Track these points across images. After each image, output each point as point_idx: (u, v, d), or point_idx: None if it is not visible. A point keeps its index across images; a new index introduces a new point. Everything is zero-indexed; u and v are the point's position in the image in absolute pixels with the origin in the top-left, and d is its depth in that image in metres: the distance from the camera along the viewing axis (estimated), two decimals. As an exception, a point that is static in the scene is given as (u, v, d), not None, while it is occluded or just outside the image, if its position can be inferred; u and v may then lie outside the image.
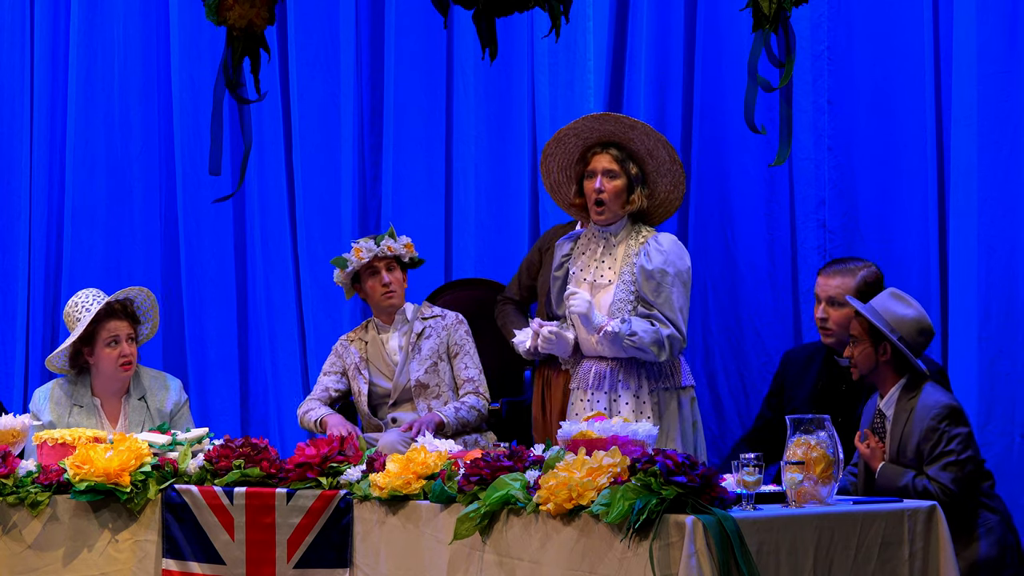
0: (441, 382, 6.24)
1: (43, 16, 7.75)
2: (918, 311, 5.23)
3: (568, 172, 5.63)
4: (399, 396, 6.26)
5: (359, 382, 6.27)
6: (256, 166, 7.53)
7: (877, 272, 5.76)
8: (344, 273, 6.29)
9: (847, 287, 5.70)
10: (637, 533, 4.23)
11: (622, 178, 5.51)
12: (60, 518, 5.18)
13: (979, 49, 6.20)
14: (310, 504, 4.95)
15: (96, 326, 5.93)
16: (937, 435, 5.07)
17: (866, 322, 5.21)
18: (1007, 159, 6.19)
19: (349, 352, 6.32)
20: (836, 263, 5.84)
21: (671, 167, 5.53)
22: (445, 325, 6.29)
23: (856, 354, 5.25)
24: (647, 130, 5.51)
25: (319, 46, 7.53)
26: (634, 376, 5.51)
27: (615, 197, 5.51)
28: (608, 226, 5.55)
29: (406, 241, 6.33)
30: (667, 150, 5.52)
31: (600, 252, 5.55)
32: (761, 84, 4.72)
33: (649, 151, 5.51)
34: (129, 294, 6.06)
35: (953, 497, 5.00)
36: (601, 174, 5.50)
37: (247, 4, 5.18)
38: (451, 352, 6.28)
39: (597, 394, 5.53)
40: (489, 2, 4.97)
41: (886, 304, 5.24)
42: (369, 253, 6.23)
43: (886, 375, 5.23)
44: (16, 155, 7.74)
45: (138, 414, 6.02)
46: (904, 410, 5.15)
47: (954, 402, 5.16)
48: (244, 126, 5.40)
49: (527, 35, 7.19)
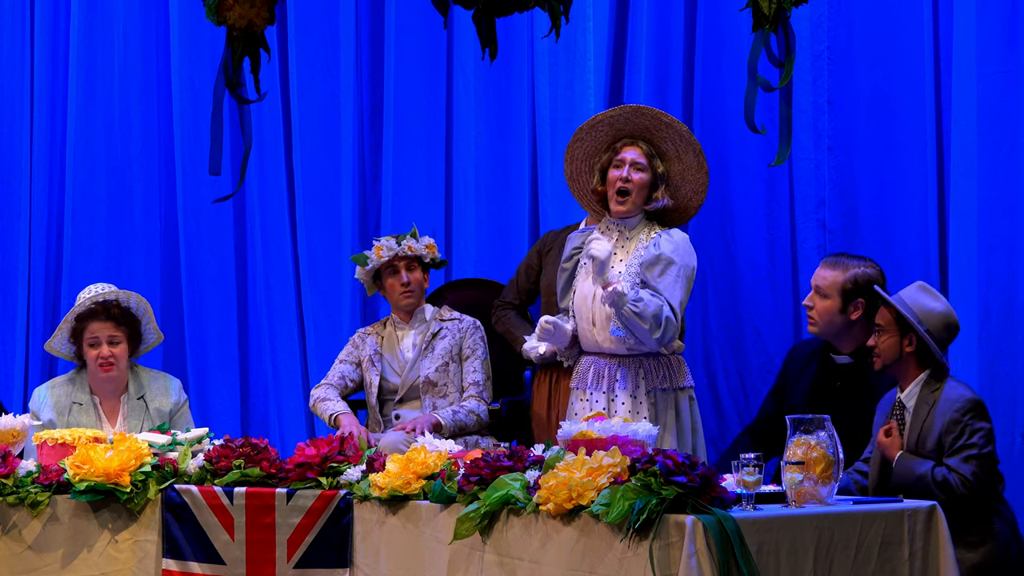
0: (450, 382, 6.26)
1: (43, 16, 7.75)
2: (946, 306, 5.26)
3: (591, 161, 5.65)
4: (407, 393, 6.29)
5: (371, 374, 6.31)
6: (256, 166, 7.53)
7: (873, 275, 5.76)
8: (365, 270, 6.34)
9: (835, 282, 5.73)
10: (637, 533, 4.23)
11: (648, 173, 5.54)
12: (60, 518, 5.18)
13: (979, 49, 6.20)
14: (310, 504, 4.95)
15: (82, 325, 6.00)
16: (960, 427, 5.09)
17: (894, 311, 5.23)
18: (1007, 159, 6.19)
19: (366, 343, 6.36)
20: (837, 256, 5.86)
21: (696, 174, 5.56)
22: (461, 328, 6.34)
23: (881, 343, 5.27)
24: (681, 130, 5.54)
25: (319, 46, 7.53)
26: (632, 376, 5.51)
27: (639, 190, 5.53)
28: (625, 219, 5.56)
29: (428, 242, 6.38)
30: (697, 157, 5.55)
31: (613, 244, 5.55)
32: (761, 84, 4.72)
33: (678, 154, 5.54)
34: (119, 297, 6.07)
35: (972, 490, 5.01)
36: (629, 165, 5.52)
37: (247, 4, 5.18)
38: (463, 355, 6.31)
39: (596, 394, 5.54)
40: (489, 2, 4.98)
41: (915, 296, 5.27)
42: (389, 252, 6.30)
43: (909, 367, 5.25)
44: (16, 155, 7.74)
45: (137, 414, 6.03)
46: (926, 402, 5.17)
47: (978, 397, 5.18)
48: (244, 126, 5.40)
49: (527, 35, 7.19)
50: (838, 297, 5.74)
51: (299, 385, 7.48)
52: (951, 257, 6.30)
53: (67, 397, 6.03)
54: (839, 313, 5.75)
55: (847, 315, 5.75)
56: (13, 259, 7.74)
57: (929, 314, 5.23)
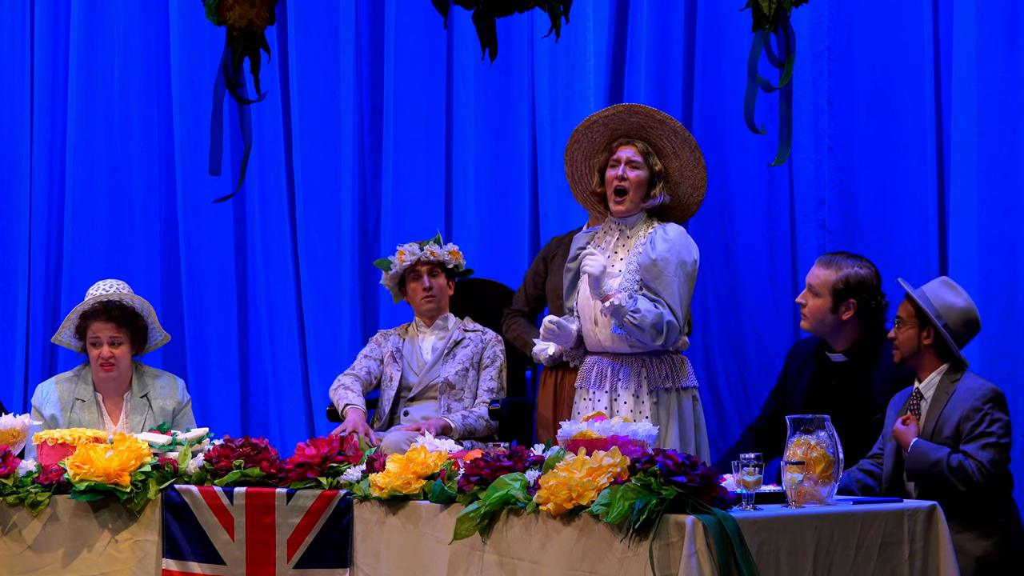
0: (467, 387, 6.30)
1: (43, 16, 7.75)
2: (967, 302, 5.27)
3: (591, 162, 5.65)
4: (421, 392, 6.31)
5: (392, 368, 6.33)
6: (256, 166, 7.53)
7: (866, 275, 5.74)
8: (389, 276, 6.37)
9: (827, 281, 5.73)
10: (637, 533, 4.23)
11: (645, 170, 5.55)
12: (60, 518, 5.18)
13: (979, 49, 6.20)
14: (310, 504, 4.95)
15: (85, 323, 6.02)
16: (980, 415, 5.11)
17: (914, 304, 5.24)
18: (1007, 159, 6.19)
19: (388, 341, 6.41)
20: (833, 255, 5.85)
21: (694, 170, 5.56)
22: (484, 340, 6.38)
23: (900, 335, 5.29)
24: (675, 127, 5.54)
25: (319, 46, 7.53)
26: (635, 376, 5.51)
27: (636, 188, 5.54)
28: (625, 218, 5.57)
29: (452, 248, 6.41)
30: (693, 152, 5.55)
31: (615, 243, 5.56)
32: (761, 84, 4.72)
33: (675, 150, 5.54)
34: (123, 298, 6.08)
35: (988, 477, 5.03)
36: (625, 163, 5.53)
37: (247, 4, 5.18)
38: (482, 363, 6.34)
39: (599, 393, 5.54)
40: (489, 2, 4.98)
41: (937, 291, 5.29)
42: (412, 257, 6.34)
43: (927, 359, 5.28)
44: (16, 155, 7.74)
45: (140, 411, 6.04)
46: (945, 391, 5.19)
47: (998, 389, 5.21)
48: (244, 126, 5.40)
49: (527, 35, 7.19)
50: (829, 296, 5.74)
51: (299, 385, 7.48)
52: (951, 257, 6.30)
53: (70, 393, 6.05)
54: (830, 312, 5.75)
55: (838, 315, 5.75)
56: (13, 259, 7.74)
57: (950, 308, 5.25)
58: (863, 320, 5.73)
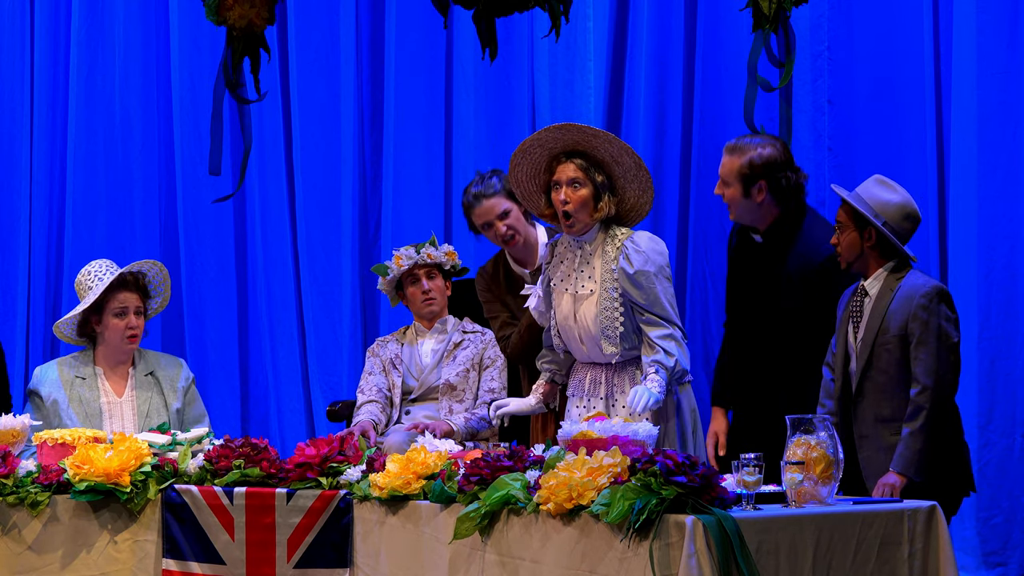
0: (468, 389, 6.29)
1: (43, 16, 7.75)
2: (903, 196, 5.17)
3: (537, 181, 5.58)
4: (422, 393, 6.31)
5: (394, 375, 6.33)
6: (256, 166, 7.53)
7: (771, 155, 5.56)
8: (386, 281, 6.36)
9: (732, 168, 5.57)
10: (637, 533, 4.23)
11: (588, 187, 5.43)
12: (60, 518, 5.18)
13: (979, 49, 6.21)
14: (310, 504, 4.95)
15: (107, 295, 5.99)
16: (927, 313, 5.06)
17: (850, 207, 5.18)
18: (1007, 159, 6.20)
19: (386, 348, 6.38)
20: (739, 139, 5.65)
21: (637, 173, 5.45)
22: (484, 340, 6.36)
23: (842, 240, 5.21)
24: (610, 138, 5.42)
25: (319, 46, 7.53)
26: (629, 380, 5.49)
27: (582, 207, 5.44)
28: (581, 235, 5.50)
29: (447, 249, 6.39)
30: (632, 157, 5.45)
31: (577, 262, 5.51)
32: (761, 84, 4.73)
33: (614, 158, 5.43)
34: (143, 267, 6.09)
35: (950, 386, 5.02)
36: (566, 184, 5.42)
37: (247, 4, 5.19)
38: (483, 364, 6.33)
39: (593, 399, 5.52)
40: (489, 2, 4.98)
41: (871, 190, 5.19)
42: (409, 261, 6.31)
43: (871, 261, 5.19)
44: (16, 155, 7.74)
45: (147, 387, 6.03)
46: (890, 288, 5.12)
47: (943, 285, 5.15)
48: (244, 126, 5.41)
49: (527, 35, 7.19)
50: (738, 183, 5.58)
51: (299, 385, 7.48)
52: (951, 257, 6.31)
53: (71, 371, 6.04)
54: (744, 198, 5.60)
55: (752, 199, 5.60)
56: (13, 259, 7.74)
57: (885, 206, 5.14)
58: (779, 198, 5.58)
